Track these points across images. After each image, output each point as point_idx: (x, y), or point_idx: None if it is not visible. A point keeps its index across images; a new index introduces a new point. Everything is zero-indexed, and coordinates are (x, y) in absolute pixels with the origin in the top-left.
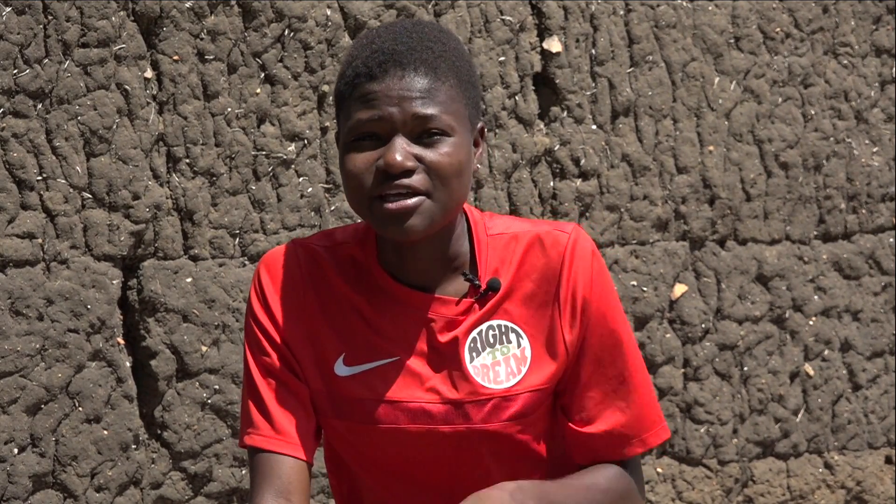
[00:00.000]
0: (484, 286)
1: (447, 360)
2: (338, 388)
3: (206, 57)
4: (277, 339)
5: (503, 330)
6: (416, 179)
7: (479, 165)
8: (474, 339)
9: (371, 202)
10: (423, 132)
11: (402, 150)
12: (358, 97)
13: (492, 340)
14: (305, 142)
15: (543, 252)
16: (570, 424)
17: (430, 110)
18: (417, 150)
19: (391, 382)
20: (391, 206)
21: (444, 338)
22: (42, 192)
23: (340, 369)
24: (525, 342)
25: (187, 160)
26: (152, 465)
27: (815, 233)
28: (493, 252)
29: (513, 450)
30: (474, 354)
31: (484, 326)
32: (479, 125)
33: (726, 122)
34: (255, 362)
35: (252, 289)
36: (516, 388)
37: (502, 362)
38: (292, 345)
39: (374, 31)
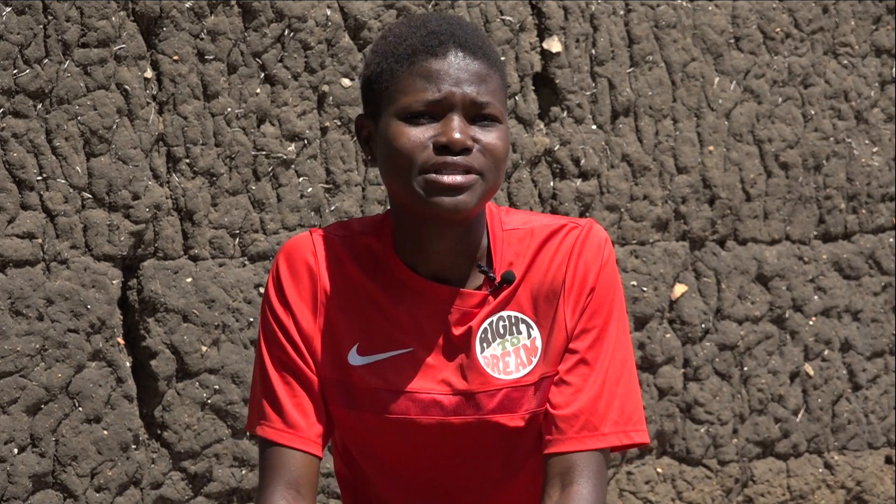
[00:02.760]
0: (499, 279)
1: (459, 351)
2: (351, 377)
3: (206, 57)
4: (293, 330)
5: (513, 321)
6: (474, 158)
7: None
8: (485, 330)
9: (421, 174)
10: (477, 116)
11: (462, 128)
12: (416, 72)
13: (502, 331)
14: (305, 142)
15: (557, 245)
16: (546, 404)
17: (486, 97)
18: (474, 130)
19: (404, 373)
20: (446, 178)
21: (458, 330)
22: (42, 192)
23: (354, 359)
24: (535, 332)
25: (187, 160)
26: (152, 465)
27: (815, 233)
28: (509, 246)
29: (521, 443)
30: (485, 345)
31: (495, 317)
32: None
33: (726, 122)
34: (270, 355)
35: (270, 278)
36: (526, 379)
37: (512, 353)
38: (307, 336)
39: (420, 16)
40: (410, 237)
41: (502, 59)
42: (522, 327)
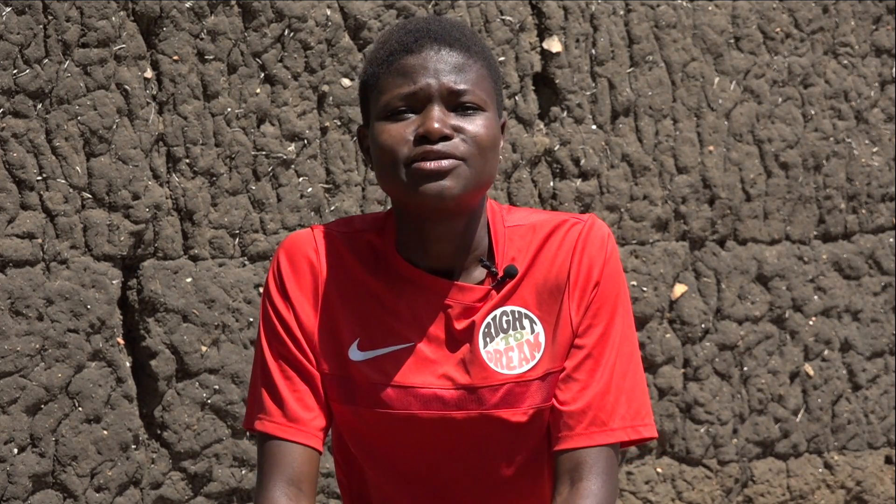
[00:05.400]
0: (501, 273)
1: (462, 345)
2: (351, 372)
3: (206, 57)
4: (293, 325)
5: (517, 316)
6: (454, 144)
7: (500, 156)
8: (488, 325)
9: (406, 166)
10: (458, 105)
11: (439, 118)
12: (394, 71)
13: (505, 326)
14: (305, 142)
15: (560, 240)
16: (552, 399)
17: (464, 84)
18: (455, 120)
19: (405, 367)
20: (429, 164)
21: (460, 325)
22: (42, 192)
23: (355, 354)
24: (539, 328)
25: (187, 160)
26: (152, 465)
27: (815, 233)
28: (511, 242)
29: (524, 439)
30: (488, 340)
31: (498, 312)
32: (503, 119)
33: (726, 122)
34: (270, 348)
35: (270, 273)
36: (530, 374)
37: (515, 348)
38: (308, 331)
39: (403, 21)
40: (413, 236)
41: (494, 54)
42: (526, 322)
